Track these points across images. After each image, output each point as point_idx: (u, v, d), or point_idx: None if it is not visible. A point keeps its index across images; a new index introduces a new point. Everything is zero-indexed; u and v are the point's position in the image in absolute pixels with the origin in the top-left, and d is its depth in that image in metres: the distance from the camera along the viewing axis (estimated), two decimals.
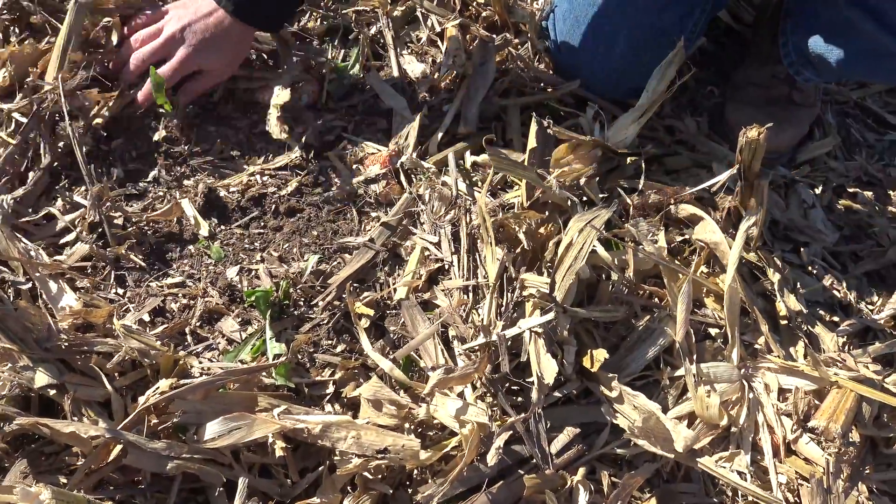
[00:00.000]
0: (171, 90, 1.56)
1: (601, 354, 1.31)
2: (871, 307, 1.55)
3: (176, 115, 1.56)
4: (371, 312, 1.37)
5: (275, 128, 1.57)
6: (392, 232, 1.47)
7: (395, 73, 1.69)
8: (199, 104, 1.61)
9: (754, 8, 1.94)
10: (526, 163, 1.45)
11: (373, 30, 1.75)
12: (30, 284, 1.35)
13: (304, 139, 1.58)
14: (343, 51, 1.73)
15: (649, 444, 1.27)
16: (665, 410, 1.33)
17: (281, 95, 1.59)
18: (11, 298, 1.33)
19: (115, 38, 1.60)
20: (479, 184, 1.54)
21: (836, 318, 1.51)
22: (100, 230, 1.43)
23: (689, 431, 1.29)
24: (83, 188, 1.46)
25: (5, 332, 1.22)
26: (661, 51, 1.57)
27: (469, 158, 1.57)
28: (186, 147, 1.56)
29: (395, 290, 1.40)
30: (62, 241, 1.43)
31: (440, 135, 1.60)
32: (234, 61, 1.60)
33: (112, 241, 1.42)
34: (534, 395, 1.23)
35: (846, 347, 1.46)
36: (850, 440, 1.32)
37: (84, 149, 1.47)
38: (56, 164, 1.50)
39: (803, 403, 1.35)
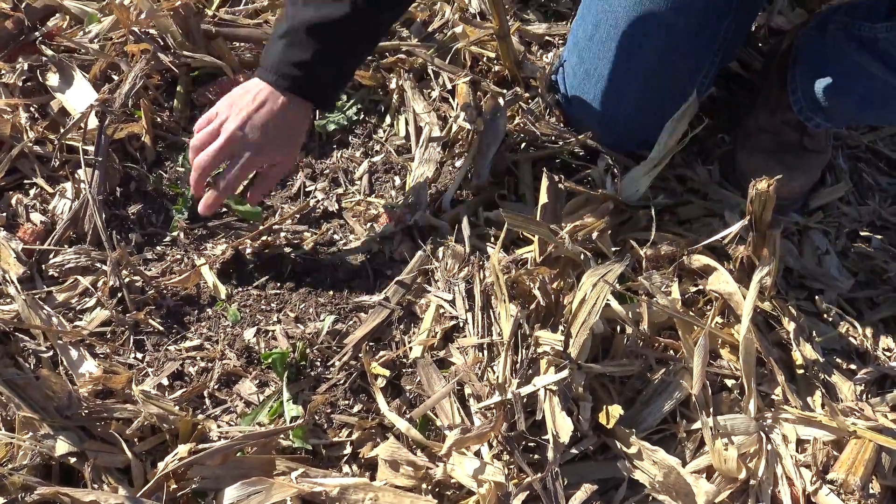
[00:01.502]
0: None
1: (616, 410, 1.31)
2: (888, 354, 1.54)
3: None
4: (387, 372, 1.38)
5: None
6: (407, 290, 1.48)
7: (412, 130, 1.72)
8: None
9: (763, 55, 1.95)
10: (538, 218, 1.46)
11: (392, 84, 1.77)
12: (51, 352, 1.37)
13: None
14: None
15: (671, 499, 1.27)
16: (683, 464, 1.32)
17: None
18: (33, 366, 1.35)
19: None
20: (493, 239, 1.55)
21: (853, 366, 1.50)
22: (119, 295, 1.45)
23: (710, 486, 1.29)
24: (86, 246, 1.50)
25: (27, 401, 1.24)
26: (671, 102, 1.59)
27: (482, 214, 1.59)
28: None
29: (410, 348, 1.41)
30: (82, 306, 1.45)
31: (453, 191, 1.62)
32: (296, 146, 1.53)
33: (131, 307, 1.44)
34: (550, 453, 1.24)
35: (864, 396, 1.46)
36: (871, 491, 1.31)
37: (103, 215, 1.50)
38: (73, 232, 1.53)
39: (822, 454, 1.34)
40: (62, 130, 1.59)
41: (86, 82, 1.67)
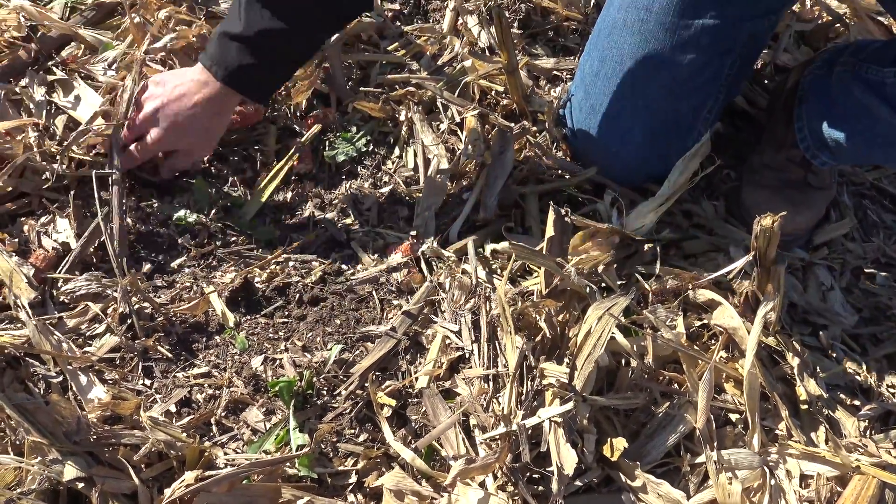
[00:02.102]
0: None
1: (621, 443, 1.32)
2: (892, 391, 1.55)
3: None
4: (393, 402, 1.39)
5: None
6: (413, 320, 1.49)
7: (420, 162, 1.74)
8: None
9: (768, 92, 1.97)
10: (544, 251, 1.48)
11: (401, 116, 1.79)
12: (60, 377, 1.38)
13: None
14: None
15: None
16: (687, 498, 1.33)
17: None
18: (42, 391, 1.36)
19: None
20: (499, 271, 1.57)
21: (856, 402, 1.51)
22: (129, 321, 1.46)
23: None
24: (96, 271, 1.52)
25: (36, 426, 1.25)
26: (676, 138, 1.61)
27: (489, 246, 1.60)
28: (213, 237, 1.61)
29: (416, 378, 1.42)
30: (92, 332, 1.46)
31: (461, 223, 1.64)
32: (208, 141, 1.66)
33: (140, 333, 1.45)
34: (554, 485, 1.24)
35: (868, 432, 1.46)
36: None
37: (117, 243, 1.52)
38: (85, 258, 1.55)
39: (826, 490, 1.35)
40: (67, 141, 1.61)
41: (95, 94, 1.69)
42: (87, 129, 1.62)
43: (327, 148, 1.76)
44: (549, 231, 1.48)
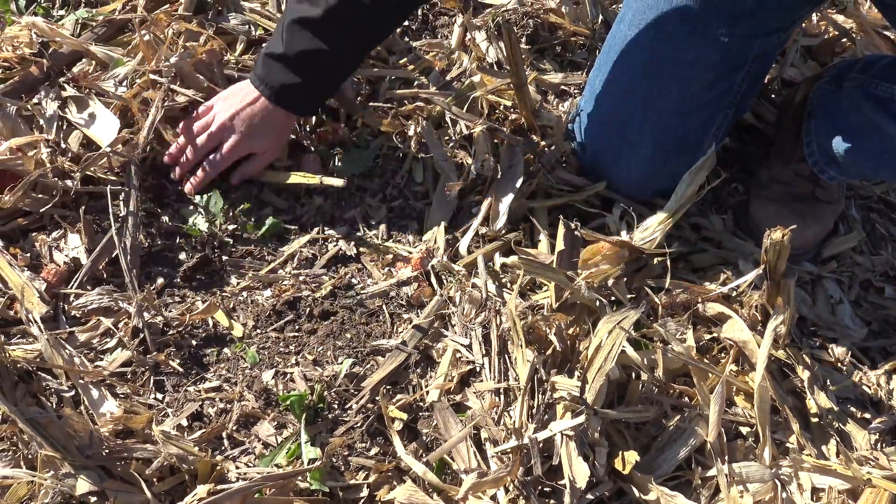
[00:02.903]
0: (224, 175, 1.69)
1: (633, 457, 1.32)
2: None
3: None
4: (404, 416, 1.39)
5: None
6: (424, 334, 1.49)
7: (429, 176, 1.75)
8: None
9: (775, 107, 1.98)
10: (554, 265, 1.48)
11: (410, 131, 1.80)
12: (72, 391, 1.39)
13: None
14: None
15: None
16: None
17: None
18: (55, 405, 1.36)
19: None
20: (509, 284, 1.57)
21: (867, 415, 1.51)
22: (141, 336, 1.47)
23: None
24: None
25: (48, 440, 1.25)
26: (686, 153, 1.61)
27: (498, 260, 1.61)
28: (224, 250, 1.61)
29: (427, 392, 1.43)
30: (103, 346, 1.47)
31: (470, 237, 1.64)
32: (279, 142, 1.71)
33: (152, 347, 1.46)
34: (566, 498, 1.24)
35: (879, 445, 1.46)
36: None
37: (129, 258, 1.53)
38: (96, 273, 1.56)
39: (837, 503, 1.35)
40: (85, 161, 1.62)
41: (110, 113, 1.70)
42: (105, 152, 1.63)
43: (337, 163, 1.76)
44: (559, 245, 1.48)
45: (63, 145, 1.67)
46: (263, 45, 1.78)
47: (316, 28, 1.55)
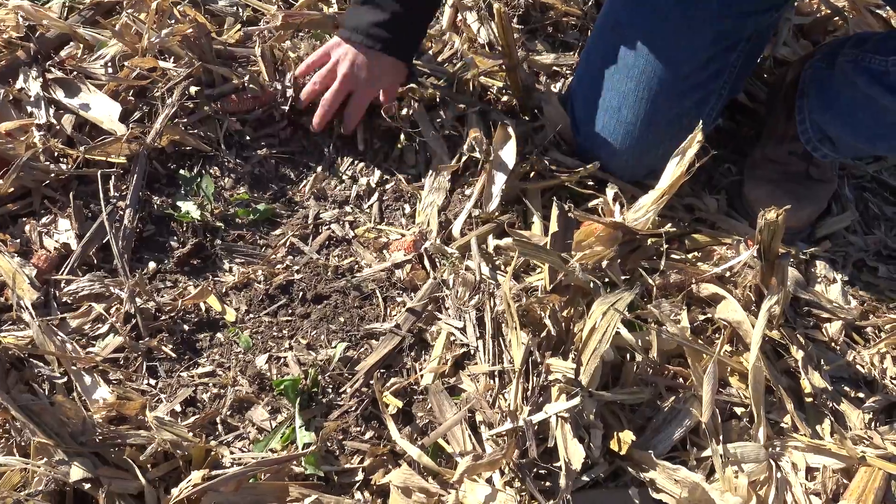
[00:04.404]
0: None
1: (628, 437, 1.32)
2: (895, 382, 1.55)
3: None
4: (399, 402, 1.38)
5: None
6: (418, 317, 1.49)
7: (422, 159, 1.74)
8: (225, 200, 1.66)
9: (768, 86, 1.97)
10: (548, 247, 1.47)
11: (402, 113, 1.79)
12: (65, 378, 1.38)
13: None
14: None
15: None
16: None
17: None
18: (47, 392, 1.36)
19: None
20: (503, 266, 1.56)
21: (861, 395, 1.51)
22: (133, 321, 1.46)
23: (736, 498, 1.29)
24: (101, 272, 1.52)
25: (41, 427, 1.24)
26: (679, 134, 1.60)
27: (491, 242, 1.60)
28: (216, 235, 1.60)
29: (421, 375, 1.42)
30: (95, 332, 1.46)
31: (463, 219, 1.63)
32: (400, 77, 1.77)
33: (144, 333, 1.45)
34: (562, 480, 1.24)
35: (873, 424, 1.46)
36: None
37: (122, 243, 1.52)
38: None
39: (832, 482, 1.35)
40: (91, 144, 1.63)
41: (107, 97, 1.69)
42: (119, 138, 1.63)
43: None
44: (553, 227, 1.48)
45: (54, 129, 1.66)
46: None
47: None
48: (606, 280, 1.50)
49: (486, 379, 1.39)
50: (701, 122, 1.58)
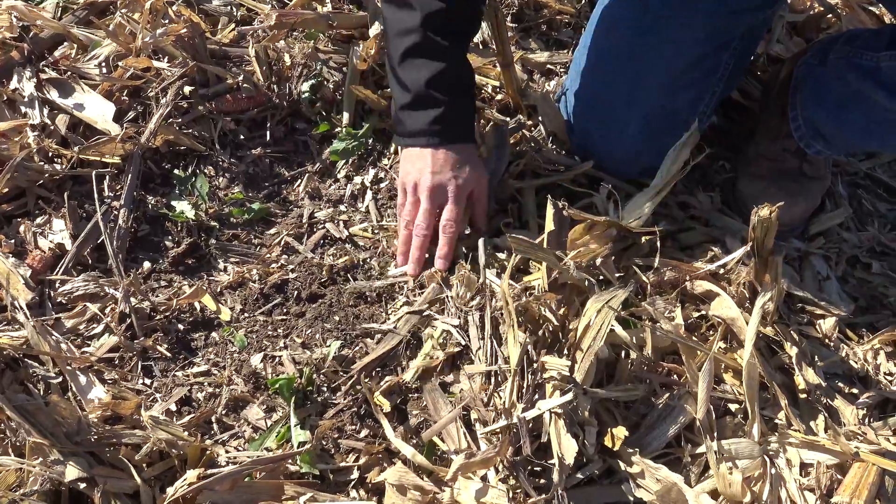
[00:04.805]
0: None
1: (621, 432, 1.32)
2: (889, 378, 1.55)
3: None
4: (387, 403, 1.38)
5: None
6: (416, 317, 1.48)
7: None
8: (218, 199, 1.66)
9: (761, 83, 1.97)
10: (544, 245, 1.48)
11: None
12: (60, 378, 1.38)
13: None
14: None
15: None
16: (685, 482, 1.33)
17: None
18: (42, 392, 1.36)
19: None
20: (497, 267, 1.56)
21: (855, 391, 1.52)
22: (128, 321, 1.46)
23: (711, 501, 1.30)
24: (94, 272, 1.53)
25: (36, 427, 1.25)
26: (673, 131, 1.61)
27: (488, 241, 1.60)
28: (211, 234, 1.61)
29: (406, 370, 1.42)
30: (90, 332, 1.46)
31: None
32: (480, 166, 1.61)
33: (139, 333, 1.45)
34: (556, 476, 1.24)
35: (866, 420, 1.47)
36: None
37: (116, 243, 1.52)
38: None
39: (826, 478, 1.35)
40: (89, 142, 1.63)
41: (101, 97, 1.69)
42: (114, 137, 1.62)
43: (333, 145, 1.75)
44: (549, 225, 1.48)
45: (48, 129, 1.66)
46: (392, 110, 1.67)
47: (422, 48, 1.51)
48: (601, 278, 1.50)
49: (482, 378, 1.39)
50: (697, 120, 1.58)
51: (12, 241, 1.54)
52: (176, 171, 1.68)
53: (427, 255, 1.56)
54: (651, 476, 1.31)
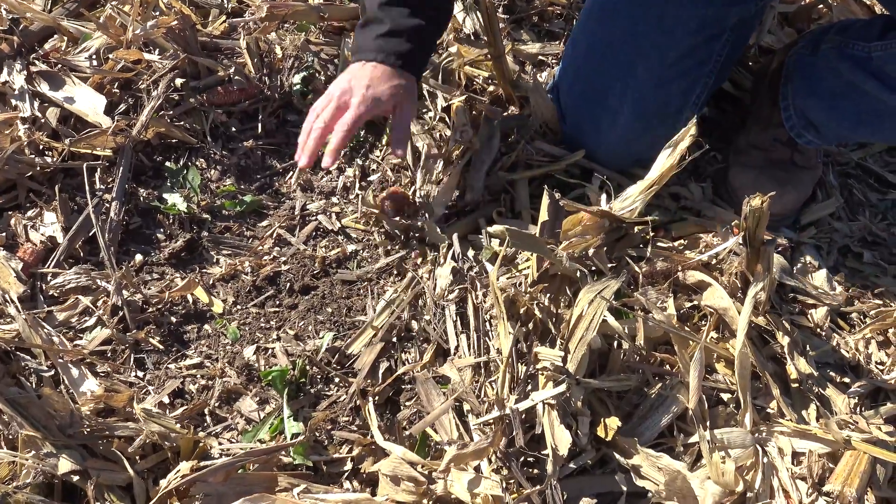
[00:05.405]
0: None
1: (614, 422, 1.33)
2: (880, 367, 1.56)
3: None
4: (370, 404, 1.39)
5: None
6: (404, 308, 1.49)
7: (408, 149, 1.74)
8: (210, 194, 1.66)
9: (753, 74, 1.97)
10: (538, 235, 1.48)
11: None
12: (52, 371, 1.38)
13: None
14: None
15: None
16: (687, 469, 1.33)
17: None
18: (34, 385, 1.35)
19: None
20: (486, 256, 1.56)
21: (846, 380, 1.52)
22: (120, 314, 1.46)
23: (716, 488, 1.30)
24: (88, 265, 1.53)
25: (29, 420, 1.24)
26: (665, 122, 1.61)
27: (484, 230, 1.60)
28: (203, 227, 1.60)
29: (403, 364, 1.42)
30: (82, 325, 1.46)
31: (444, 206, 1.63)
32: (414, 85, 1.60)
33: (132, 325, 1.45)
34: (549, 466, 1.25)
35: (858, 409, 1.47)
36: (866, 503, 1.33)
37: (108, 236, 1.52)
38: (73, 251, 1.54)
39: (817, 467, 1.36)
40: (80, 135, 1.63)
41: (91, 90, 1.68)
42: (104, 130, 1.62)
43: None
44: (543, 215, 1.48)
45: (39, 121, 1.65)
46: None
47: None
48: (593, 268, 1.50)
49: (472, 371, 1.39)
50: (695, 114, 1.58)
51: (3, 234, 1.53)
52: (167, 164, 1.68)
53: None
54: (651, 465, 1.31)
